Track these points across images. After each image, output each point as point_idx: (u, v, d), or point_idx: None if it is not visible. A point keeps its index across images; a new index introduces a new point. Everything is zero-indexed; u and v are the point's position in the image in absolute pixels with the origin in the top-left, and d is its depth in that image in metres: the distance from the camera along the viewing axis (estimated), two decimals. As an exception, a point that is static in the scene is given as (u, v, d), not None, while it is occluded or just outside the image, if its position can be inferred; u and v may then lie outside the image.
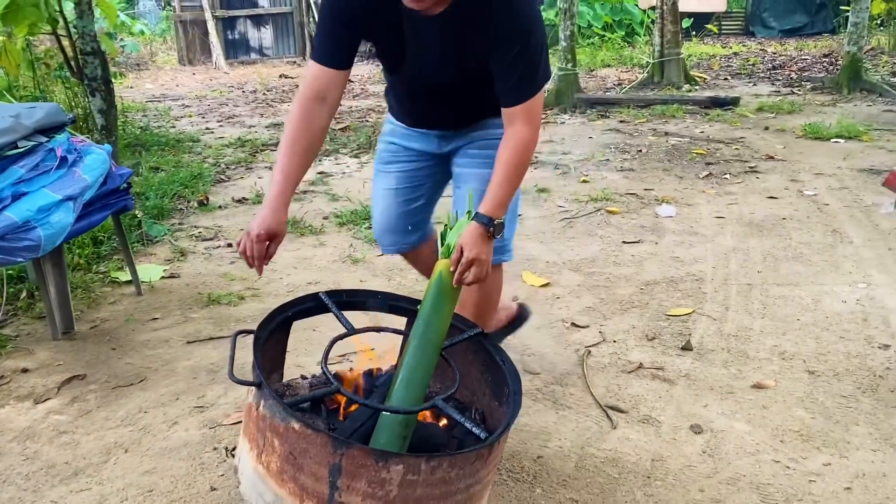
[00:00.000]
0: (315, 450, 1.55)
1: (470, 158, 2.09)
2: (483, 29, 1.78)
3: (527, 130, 1.84)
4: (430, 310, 1.85)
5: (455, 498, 1.62)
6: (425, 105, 2.10)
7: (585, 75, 10.64)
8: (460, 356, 2.00)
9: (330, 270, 3.62)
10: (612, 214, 4.31)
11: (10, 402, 2.51)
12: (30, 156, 2.73)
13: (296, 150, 1.83)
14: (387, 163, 2.22)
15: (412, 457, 1.59)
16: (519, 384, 1.83)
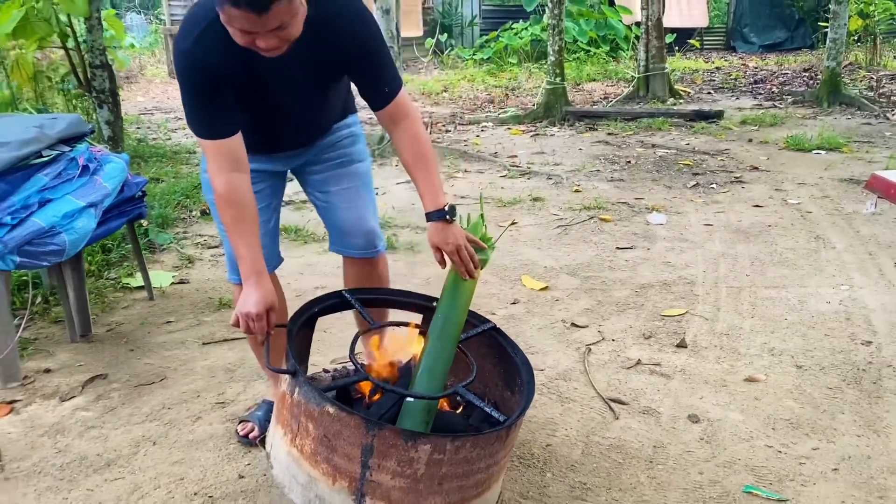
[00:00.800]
0: (348, 431, 1.68)
1: (327, 163, 2.19)
2: (335, 46, 1.86)
3: (415, 122, 1.98)
4: (447, 306, 1.99)
5: (476, 477, 1.75)
6: (282, 131, 2.08)
7: (572, 89, 10.85)
8: (474, 349, 2.14)
9: (335, 276, 3.73)
10: (604, 222, 4.47)
11: (37, 400, 2.61)
12: (53, 164, 2.84)
13: (247, 228, 1.87)
14: None
15: (439, 437, 1.73)
16: (531, 374, 1.97)
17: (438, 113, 9.42)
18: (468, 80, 12.64)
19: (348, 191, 2.19)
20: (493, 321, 2.87)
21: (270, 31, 1.63)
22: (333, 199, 2.21)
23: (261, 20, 1.60)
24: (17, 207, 2.64)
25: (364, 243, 2.25)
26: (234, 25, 1.64)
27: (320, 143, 2.18)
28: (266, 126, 2.01)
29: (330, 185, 2.21)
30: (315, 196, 2.25)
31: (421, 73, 14.30)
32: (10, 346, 2.69)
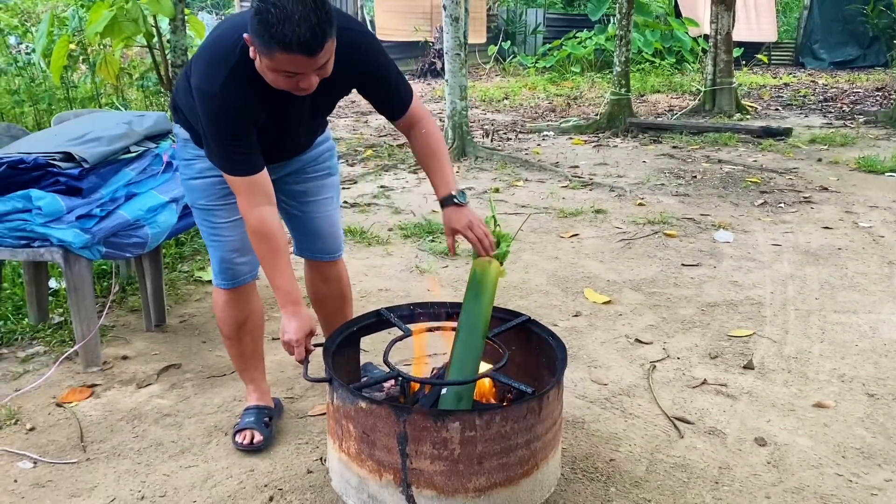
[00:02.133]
0: (382, 423, 1.73)
1: (311, 174, 2.30)
2: (348, 76, 1.95)
3: (431, 124, 2.13)
4: (472, 299, 2.05)
5: (516, 454, 1.77)
6: (276, 150, 2.12)
7: (636, 100, 10.76)
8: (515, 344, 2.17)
9: (398, 279, 3.80)
10: (669, 237, 4.43)
11: (115, 386, 2.72)
12: (140, 160, 2.97)
13: (280, 260, 1.94)
14: (223, 196, 2.12)
15: (466, 413, 1.77)
16: (564, 352, 2.00)
17: (499, 120, 9.45)
18: (529, 87, 12.64)
19: (324, 201, 2.35)
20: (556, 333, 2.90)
21: (315, 71, 1.71)
22: (311, 208, 2.34)
23: (311, 61, 1.66)
24: (105, 200, 2.77)
25: (333, 248, 2.44)
26: (281, 69, 1.69)
27: (304, 156, 2.27)
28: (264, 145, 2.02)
29: (310, 196, 2.33)
30: (290, 205, 2.35)
31: (482, 79, 14.35)
32: (93, 332, 2.81)
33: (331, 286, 2.51)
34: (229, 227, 2.17)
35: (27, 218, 2.66)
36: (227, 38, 1.85)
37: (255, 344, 2.38)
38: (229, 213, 2.15)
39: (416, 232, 4.52)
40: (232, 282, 2.24)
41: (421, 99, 2.15)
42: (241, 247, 2.18)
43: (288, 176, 2.28)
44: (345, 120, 9.44)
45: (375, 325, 2.21)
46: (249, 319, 2.33)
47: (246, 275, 2.24)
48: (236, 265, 2.22)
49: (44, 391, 2.67)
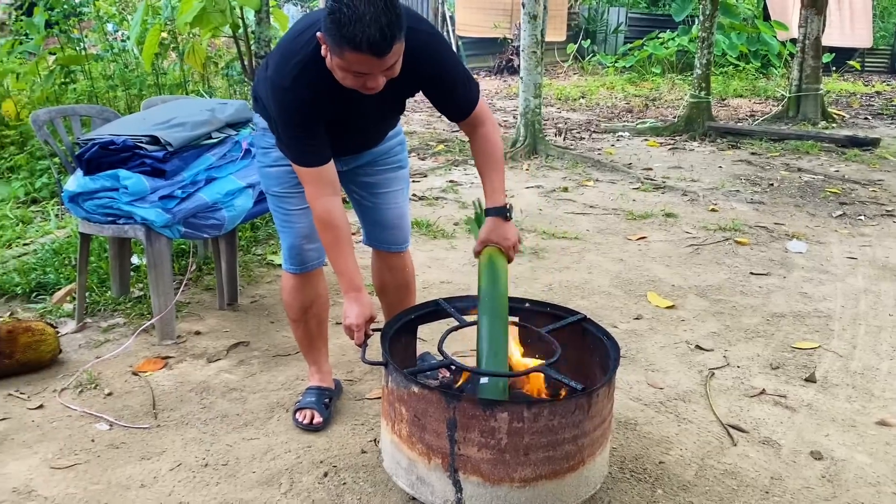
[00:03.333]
0: (433, 408, 1.79)
1: (383, 167, 2.37)
2: (417, 77, 1.99)
3: (491, 128, 2.18)
4: (489, 287, 2.11)
5: (563, 449, 1.79)
6: (348, 142, 2.20)
7: (716, 104, 10.51)
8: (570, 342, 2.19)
9: (461, 273, 3.85)
10: (740, 245, 4.35)
11: (187, 359, 2.87)
12: (220, 146, 3.11)
13: (344, 248, 2.04)
14: (296, 184, 2.17)
15: (514, 404, 1.80)
16: (618, 351, 2.01)
17: (573, 119, 9.39)
18: (607, 87, 12.50)
19: (395, 193, 2.42)
20: (615, 334, 2.90)
21: (383, 71, 1.77)
22: (382, 199, 2.42)
23: (379, 62, 1.71)
24: (187, 183, 2.92)
25: (401, 239, 2.51)
26: (350, 69, 1.75)
27: (375, 150, 2.33)
28: (334, 139, 2.10)
29: (380, 188, 2.40)
30: (362, 196, 2.43)
31: (559, 77, 14.26)
32: (169, 307, 2.97)
33: (396, 276, 2.59)
34: (300, 214, 2.26)
35: (114, 196, 2.83)
36: (302, 36, 1.93)
37: (319, 327, 2.48)
38: (301, 201, 2.23)
39: (482, 227, 4.56)
40: (300, 267, 2.33)
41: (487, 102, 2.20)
42: (310, 234, 2.26)
43: (360, 168, 2.36)
44: (419, 114, 9.55)
45: (433, 315, 2.28)
46: (315, 303, 2.42)
47: (314, 261, 2.33)
48: (305, 251, 2.31)
49: (122, 360, 2.84)
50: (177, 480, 2.11)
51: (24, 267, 3.51)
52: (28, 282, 3.42)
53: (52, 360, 2.78)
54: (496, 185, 2.17)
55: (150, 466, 2.17)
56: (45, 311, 3.25)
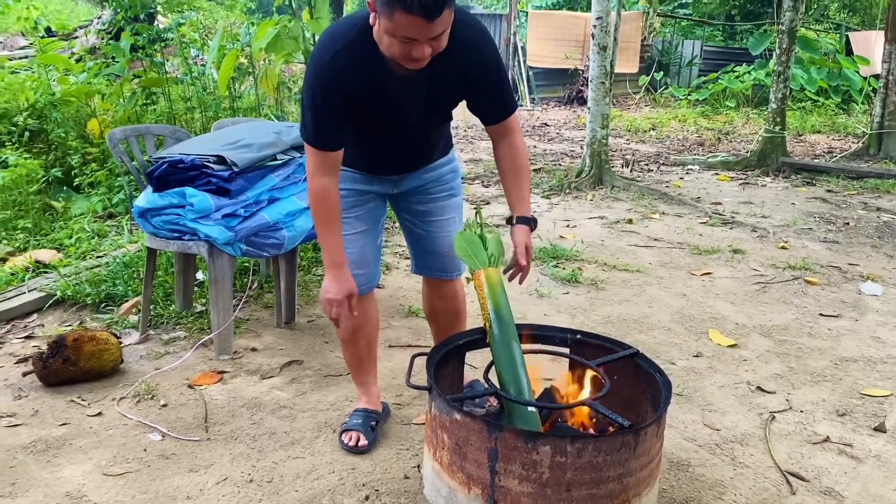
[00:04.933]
0: (474, 437, 1.77)
1: (435, 195, 2.38)
2: (462, 71, 2.00)
3: (520, 138, 2.21)
4: (496, 313, 2.10)
5: (607, 486, 1.74)
6: (394, 155, 2.24)
7: (793, 139, 10.22)
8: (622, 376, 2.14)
9: (516, 301, 3.81)
10: (810, 285, 4.18)
11: (241, 375, 2.92)
12: (284, 167, 3.18)
13: (334, 225, 2.10)
14: (347, 209, 2.23)
15: (558, 437, 1.76)
16: (670, 389, 1.95)
17: (642, 151, 9.26)
18: (679, 120, 12.30)
19: (449, 221, 2.42)
20: (672, 371, 2.83)
21: (430, 40, 1.77)
22: (434, 227, 2.41)
23: (428, 26, 1.72)
24: (250, 202, 2.99)
25: (452, 267, 2.49)
26: (399, 34, 1.75)
27: (424, 175, 2.35)
28: (374, 144, 2.19)
29: (433, 216, 2.40)
30: (415, 224, 2.43)
31: (630, 109, 14.13)
32: (228, 323, 3.03)
33: (446, 303, 2.59)
34: (348, 241, 2.26)
35: (180, 213, 2.93)
36: (352, 18, 2.00)
37: (368, 349, 2.49)
38: (350, 227, 2.27)
39: (540, 256, 4.53)
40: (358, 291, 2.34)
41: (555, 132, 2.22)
42: (358, 259, 2.30)
43: (412, 195, 2.37)
44: (486, 142, 9.59)
45: (481, 342, 2.26)
46: (365, 325, 2.43)
47: (362, 286, 2.32)
48: (353, 277, 2.31)
49: (179, 372, 2.91)
50: (221, 494, 2.14)
51: (96, 278, 3.65)
52: (98, 293, 3.55)
53: (113, 369, 2.87)
54: (524, 193, 2.20)
55: (197, 479, 2.21)
56: (112, 321, 3.36)
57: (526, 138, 10.24)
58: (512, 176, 2.21)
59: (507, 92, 2.15)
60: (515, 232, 2.19)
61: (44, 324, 3.38)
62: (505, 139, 2.20)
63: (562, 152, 9.08)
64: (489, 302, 2.11)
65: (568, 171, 7.34)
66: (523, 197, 2.20)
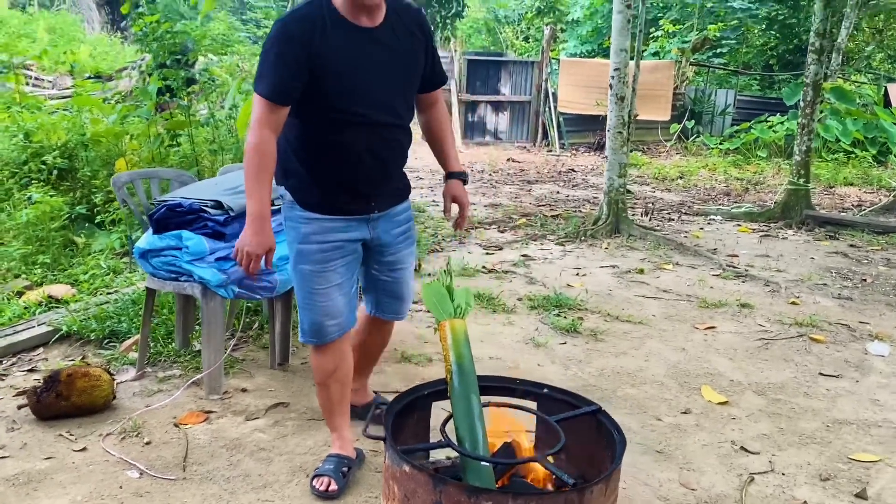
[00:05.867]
0: (421, 489, 1.79)
1: (402, 244, 2.54)
2: (413, 33, 2.33)
3: (444, 105, 2.63)
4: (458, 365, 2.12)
5: None
6: (367, 164, 2.30)
7: (822, 191, 10.10)
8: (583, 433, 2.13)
9: (512, 349, 3.83)
10: (815, 342, 4.12)
11: (227, 415, 2.98)
12: (280, 213, 3.26)
13: (265, 177, 2.21)
14: (325, 262, 2.34)
15: (500, 493, 1.77)
16: (623, 447, 1.95)
17: (666, 199, 9.23)
18: (709, 168, 12.25)
19: (409, 268, 2.62)
20: (657, 427, 2.81)
21: None
22: (398, 275, 2.58)
23: None
24: (244, 246, 3.07)
25: (405, 309, 2.70)
26: None
27: (395, 218, 2.49)
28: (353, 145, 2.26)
29: (399, 265, 2.57)
30: (380, 272, 2.56)
31: (661, 156, 14.11)
32: (218, 363, 3.10)
33: (383, 339, 2.82)
34: (326, 292, 2.35)
35: (177, 255, 3.03)
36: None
37: (342, 392, 2.53)
38: (326, 281, 2.35)
39: (543, 304, 4.54)
40: (319, 340, 2.42)
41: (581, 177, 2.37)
42: (332, 311, 2.37)
43: (383, 247, 2.49)
44: (509, 187, 9.67)
45: (446, 392, 2.28)
46: (339, 369, 2.48)
47: (333, 334, 2.40)
48: (326, 326, 2.39)
49: (168, 410, 2.98)
50: (185, 534, 2.18)
51: (103, 314, 3.77)
52: (103, 328, 3.66)
53: (105, 405, 2.95)
54: (454, 152, 2.63)
55: (164, 518, 2.26)
56: (113, 357, 3.46)
57: (550, 184, 10.32)
58: (444, 138, 2.61)
59: (440, 64, 2.52)
60: (453, 186, 2.59)
61: (48, 357, 3.49)
62: (434, 108, 2.57)
63: (584, 198, 9.10)
64: (451, 353, 2.14)
65: (586, 218, 7.36)
66: (454, 156, 2.62)
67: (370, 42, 2.22)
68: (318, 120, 2.24)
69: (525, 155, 13.71)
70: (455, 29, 10.76)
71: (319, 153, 2.29)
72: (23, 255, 4.53)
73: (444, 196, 2.63)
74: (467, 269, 5.34)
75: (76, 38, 14.63)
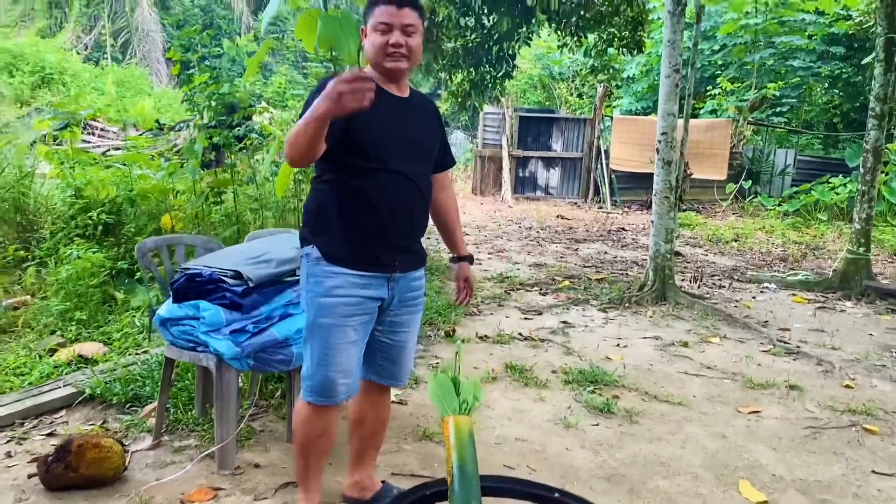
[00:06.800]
0: None
1: (412, 306, 2.55)
2: (429, 113, 2.55)
3: (453, 190, 2.77)
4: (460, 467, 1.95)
5: None
6: (397, 210, 2.37)
7: (885, 259, 9.67)
8: None
9: (540, 430, 3.66)
10: (869, 433, 3.83)
11: (236, 493, 2.89)
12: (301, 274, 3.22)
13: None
14: (346, 316, 2.36)
15: None
16: None
17: (718, 264, 8.95)
18: (766, 231, 11.89)
19: (412, 332, 2.60)
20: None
21: (402, 30, 2.27)
22: (401, 338, 2.56)
23: (398, 13, 2.26)
24: (262, 318, 3.04)
25: (402, 375, 2.64)
26: (377, 21, 2.27)
27: (412, 282, 2.52)
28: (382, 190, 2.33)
29: (404, 327, 2.55)
30: (382, 332, 2.53)
31: (716, 217, 13.79)
32: (230, 437, 3.03)
33: (378, 411, 2.71)
34: (345, 348, 2.36)
35: (195, 325, 3.00)
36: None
37: (318, 463, 2.58)
38: (346, 336, 2.36)
39: (578, 378, 4.36)
40: (328, 399, 2.40)
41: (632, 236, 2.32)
42: (346, 369, 2.39)
43: (395, 306, 2.48)
44: (556, 245, 9.53)
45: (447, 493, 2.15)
46: (324, 437, 2.51)
47: (342, 395, 2.42)
48: (338, 385, 2.39)
49: (178, 485, 2.91)
50: None
51: (128, 376, 3.76)
52: (125, 392, 3.65)
53: (115, 477, 2.90)
54: (461, 236, 2.78)
55: None
56: (132, 423, 3.43)
57: (598, 243, 10.15)
58: (453, 223, 2.75)
59: (449, 146, 2.67)
60: (464, 268, 2.76)
61: (69, 421, 3.48)
62: (446, 191, 2.69)
63: (632, 260, 8.89)
64: (454, 454, 2.02)
65: (632, 283, 7.16)
66: (461, 239, 2.78)
67: (400, 104, 2.42)
68: (350, 167, 2.33)
69: (575, 211, 13.58)
70: (504, 89, 10.82)
71: (352, 200, 2.35)
72: (60, 312, 4.59)
73: (455, 278, 2.80)
74: (503, 335, 5.21)
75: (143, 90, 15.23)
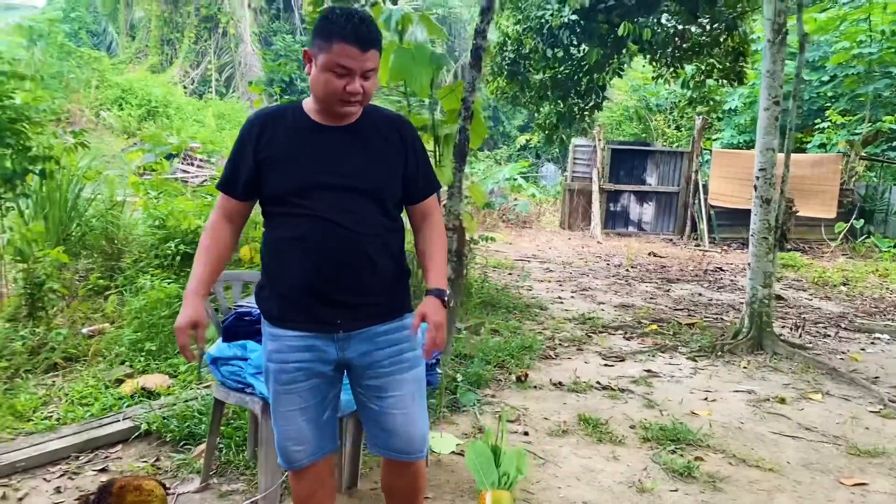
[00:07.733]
0: None
1: (389, 368, 2.21)
2: (399, 137, 2.19)
3: (440, 217, 2.31)
4: None
5: None
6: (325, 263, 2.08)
7: None
8: None
9: (611, 494, 3.34)
10: None
11: (276, 547, 2.73)
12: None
13: (209, 259, 2.19)
14: (286, 383, 2.19)
15: None
16: None
17: (823, 310, 8.28)
18: (879, 274, 11.01)
19: (404, 397, 2.24)
20: None
21: (361, 76, 2.01)
22: (389, 404, 2.23)
23: (362, 56, 1.99)
24: (311, 362, 2.89)
25: (410, 448, 2.27)
26: (335, 62, 1.98)
27: (376, 338, 2.19)
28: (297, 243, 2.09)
29: (388, 392, 2.23)
30: (368, 398, 2.25)
31: (823, 258, 12.92)
32: (275, 486, 2.89)
33: (405, 482, 2.39)
34: (288, 416, 2.22)
35: (242, 366, 2.89)
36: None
37: None
38: (289, 404, 2.21)
39: (657, 435, 4.01)
40: (289, 465, 2.28)
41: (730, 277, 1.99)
42: (296, 436, 2.23)
43: (364, 368, 2.22)
44: (646, 285, 9.08)
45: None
46: (315, 497, 2.32)
47: (302, 460, 2.26)
48: (292, 451, 2.25)
49: (217, 534, 2.78)
50: None
51: (185, 412, 3.70)
52: (181, 429, 3.58)
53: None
54: (442, 268, 2.26)
55: None
56: (184, 462, 3.35)
57: (692, 283, 9.62)
58: (434, 253, 2.27)
59: (430, 169, 2.28)
60: (426, 302, 2.18)
61: (123, 457, 3.44)
62: (427, 221, 2.28)
63: (728, 303, 8.35)
64: None
65: (726, 329, 6.68)
66: (441, 271, 2.26)
67: (336, 138, 2.13)
68: (271, 215, 2.19)
69: (669, 248, 13.02)
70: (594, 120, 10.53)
71: (275, 251, 2.18)
72: (131, 342, 4.63)
73: (415, 315, 2.19)
74: (579, 383, 4.90)
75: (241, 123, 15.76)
